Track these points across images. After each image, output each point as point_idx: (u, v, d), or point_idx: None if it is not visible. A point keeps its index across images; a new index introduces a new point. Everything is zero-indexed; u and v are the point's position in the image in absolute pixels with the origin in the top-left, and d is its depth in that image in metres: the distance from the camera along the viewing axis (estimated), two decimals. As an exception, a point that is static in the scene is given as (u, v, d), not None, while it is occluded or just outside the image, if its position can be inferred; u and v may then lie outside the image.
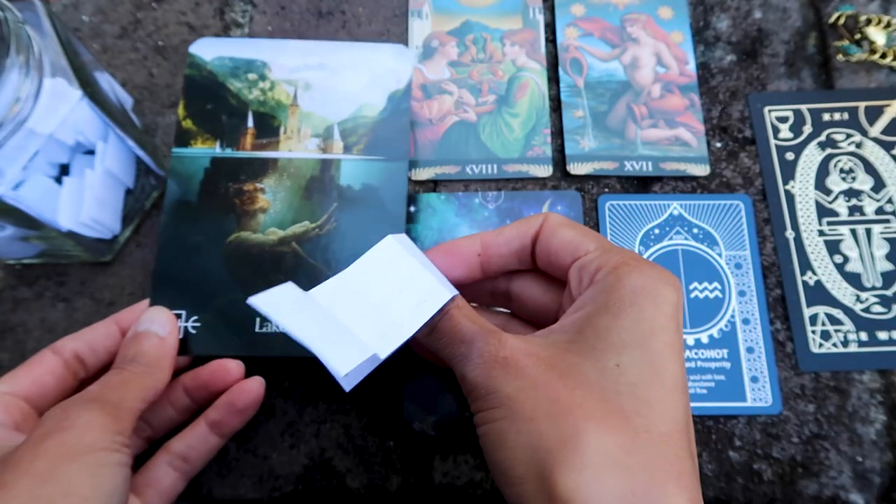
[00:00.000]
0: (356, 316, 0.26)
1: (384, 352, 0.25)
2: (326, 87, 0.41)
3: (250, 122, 0.40)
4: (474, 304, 0.31)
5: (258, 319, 0.36)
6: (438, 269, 0.29)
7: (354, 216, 0.38)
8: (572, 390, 0.23)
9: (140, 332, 0.33)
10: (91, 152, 0.36)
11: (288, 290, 0.23)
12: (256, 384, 0.35)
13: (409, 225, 0.42)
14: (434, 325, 0.27)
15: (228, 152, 0.39)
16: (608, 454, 0.21)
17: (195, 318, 0.36)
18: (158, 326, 0.33)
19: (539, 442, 0.22)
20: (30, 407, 0.31)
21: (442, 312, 0.27)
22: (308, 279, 0.37)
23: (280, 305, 0.21)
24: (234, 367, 0.35)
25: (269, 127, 0.40)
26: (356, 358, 0.21)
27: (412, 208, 0.42)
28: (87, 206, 0.36)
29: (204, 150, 0.39)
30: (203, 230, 0.37)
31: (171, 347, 0.33)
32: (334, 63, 0.42)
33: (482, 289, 0.32)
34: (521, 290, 0.31)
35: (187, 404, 0.35)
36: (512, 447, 0.23)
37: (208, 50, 0.42)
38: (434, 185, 0.43)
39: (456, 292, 0.28)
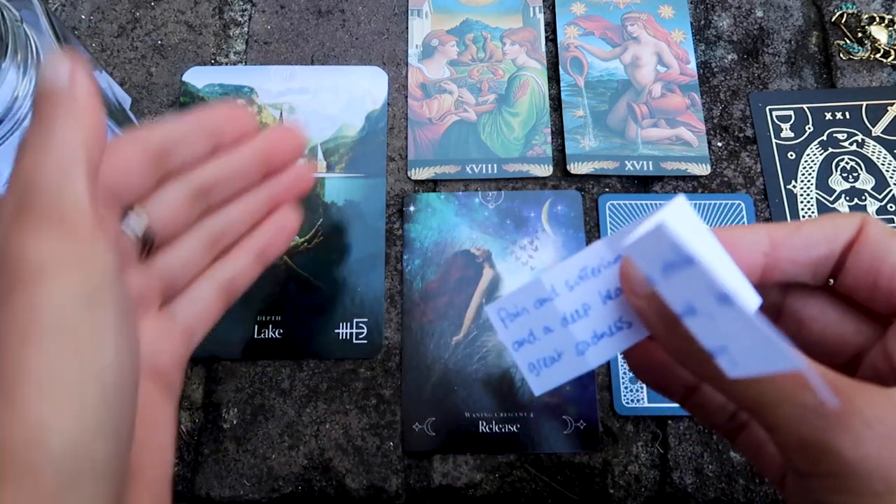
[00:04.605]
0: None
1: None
2: (309, 110, 0.44)
3: None
4: None
5: (256, 326, 0.39)
6: None
7: (339, 230, 0.41)
8: None
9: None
10: (89, 152, 0.36)
11: (532, 289, 0.20)
12: (307, 170, 0.29)
13: (409, 224, 0.42)
14: None
15: None
16: None
17: None
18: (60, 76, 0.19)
19: None
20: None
21: None
22: (299, 289, 0.40)
23: (503, 314, 0.20)
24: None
25: None
26: (559, 378, 0.20)
27: (412, 208, 0.42)
28: (86, 205, 0.36)
29: None
30: None
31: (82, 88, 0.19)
32: (315, 86, 0.45)
33: None
34: (803, 311, 0.23)
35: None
36: None
37: (199, 78, 0.45)
38: (434, 184, 0.43)
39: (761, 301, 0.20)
